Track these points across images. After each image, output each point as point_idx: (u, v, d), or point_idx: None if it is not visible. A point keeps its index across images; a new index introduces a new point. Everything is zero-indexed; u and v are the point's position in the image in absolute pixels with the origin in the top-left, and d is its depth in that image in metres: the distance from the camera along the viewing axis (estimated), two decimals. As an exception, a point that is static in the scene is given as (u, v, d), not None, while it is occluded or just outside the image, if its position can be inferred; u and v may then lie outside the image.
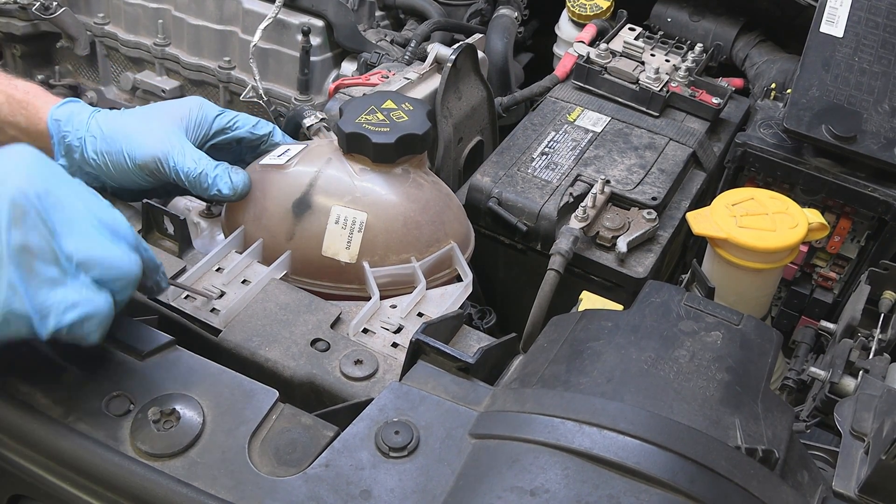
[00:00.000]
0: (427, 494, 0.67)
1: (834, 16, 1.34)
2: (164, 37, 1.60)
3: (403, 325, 0.92)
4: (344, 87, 1.33)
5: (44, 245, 0.67)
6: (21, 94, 1.02)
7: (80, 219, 0.70)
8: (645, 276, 1.14)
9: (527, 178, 1.23)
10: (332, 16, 1.48)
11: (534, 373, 0.76)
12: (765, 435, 0.70)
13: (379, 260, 0.99)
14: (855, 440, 0.81)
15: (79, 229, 0.70)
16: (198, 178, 0.98)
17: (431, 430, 0.72)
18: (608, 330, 0.78)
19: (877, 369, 0.98)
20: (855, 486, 0.75)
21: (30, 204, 0.67)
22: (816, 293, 1.37)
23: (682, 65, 1.44)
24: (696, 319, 0.79)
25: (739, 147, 1.29)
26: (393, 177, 1.01)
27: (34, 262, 0.66)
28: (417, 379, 0.77)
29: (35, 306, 0.66)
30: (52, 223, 0.68)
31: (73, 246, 0.69)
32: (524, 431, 0.68)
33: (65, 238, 0.68)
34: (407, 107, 1.04)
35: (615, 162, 1.28)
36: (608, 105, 1.40)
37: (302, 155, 1.03)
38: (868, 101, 1.25)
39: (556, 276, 1.10)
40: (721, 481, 0.65)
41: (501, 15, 1.67)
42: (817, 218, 1.11)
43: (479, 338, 0.91)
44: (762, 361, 0.77)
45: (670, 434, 0.66)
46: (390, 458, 0.70)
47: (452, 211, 1.07)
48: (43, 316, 0.67)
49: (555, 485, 0.64)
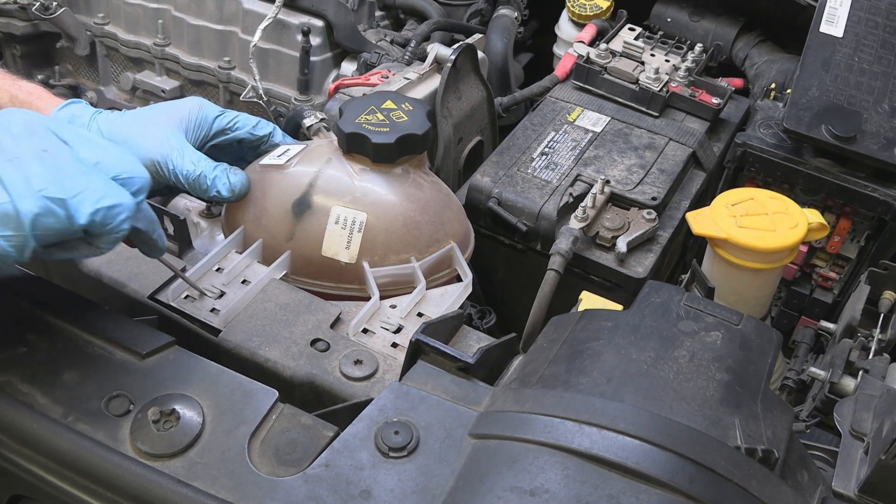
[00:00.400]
0: (427, 494, 0.67)
1: (834, 16, 1.34)
2: (164, 37, 1.60)
3: (403, 325, 0.92)
4: (344, 87, 1.33)
5: (62, 149, 0.71)
6: (24, 94, 1.02)
7: (89, 138, 0.75)
8: (645, 276, 1.14)
9: (527, 178, 1.23)
10: (332, 16, 1.48)
11: (533, 373, 0.76)
12: (764, 435, 0.70)
13: (379, 260, 0.99)
14: (854, 440, 0.81)
15: (90, 142, 0.74)
16: (196, 180, 0.98)
17: (431, 431, 0.72)
18: (608, 330, 0.78)
19: (876, 369, 0.98)
20: (854, 486, 0.75)
21: (40, 123, 0.72)
22: (816, 293, 1.37)
23: (681, 65, 1.44)
24: (696, 319, 0.79)
25: (739, 147, 1.29)
26: (393, 177, 1.01)
27: (57, 161, 0.70)
28: (417, 379, 0.77)
29: (69, 192, 0.69)
30: (64, 138, 0.73)
31: (89, 153, 0.73)
32: (524, 431, 0.68)
33: (79, 148, 0.73)
34: (407, 107, 1.04)
35: (615, 162, 1.28)
36: (608, 105, 1.40)
37: (302, 155, 1.03)
38: (868, 101, 1.25)
39: (556, 276, 1.10)
40: (721, 481, 0.65)
41: (501, 15, 1.67)
42: (817, 218, 1.11)
43: (478, 338, 0.91)
44: (762, 361, 0.77)
45: (670, 434, 0.66)
46: (390, 458, 0.70)
47: (452, 211, 1.07)
48: (79, 200, 0.70)
49: (554, 485, 0.64)
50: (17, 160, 0.69)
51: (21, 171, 0.68)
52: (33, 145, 0.70)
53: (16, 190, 0.68)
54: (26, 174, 0.68)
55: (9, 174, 0.68)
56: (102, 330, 0.78)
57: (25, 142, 0.70)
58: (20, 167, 0.68)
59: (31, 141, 0.70)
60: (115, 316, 0.80)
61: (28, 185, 0.68)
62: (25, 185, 0.68)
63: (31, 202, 0.68)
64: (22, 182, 0.68)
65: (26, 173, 0.68)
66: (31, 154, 0.70)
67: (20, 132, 0.71)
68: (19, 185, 0.68)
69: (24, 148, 0.70)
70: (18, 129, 0.71)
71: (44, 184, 0.68)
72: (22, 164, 0.69)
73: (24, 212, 0.67)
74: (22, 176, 0.68)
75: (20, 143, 0.70)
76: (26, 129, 0.71)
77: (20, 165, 0.69)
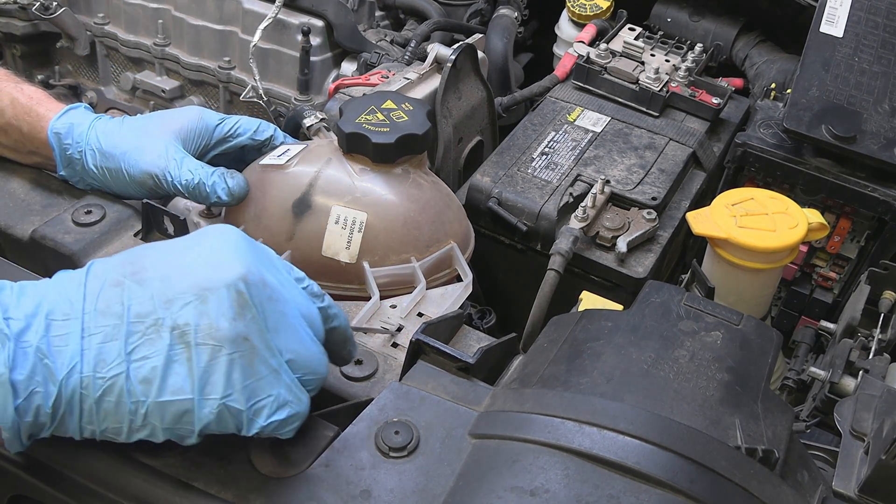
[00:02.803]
0: (427, 494, 0.67)
1: (834, 16, 1.34)
2: (164, 37, 1.60)
3: (403, 324, 0.92)
4: (344, 87, 1.33)
5: (262, 340, 0.65)
6: (25, 98, 1.02)
7: (289, 313, 0.68)
8: (645, 276, 1.14)
9: (527, 178, 1.23)
10: (332, 16, 1.48)
11: (534, 373, 0.76)
12: (765, 435, 0.70)
13: (379, 260, 0.99)
14: (855, 440, 0.81)
15: (288, 326, 0.68)
16: (196, 188, 0.98)
17: (431, 430, 0.72)
18: (608, 330, 0.78)
19: (877, 369, 0.98)
20: (855, 486, 0.75)
21: (250, 295, 0.65)
22: (816, 293, 1.37)
23: (682, 65, 1.44)
24: (696, 319, 0.80)
25: (739, 147, 1.29)
26: (393, 177, 1.01)
27: (254, 358, 0.65)
28: (417, 379, 0.77)
29: (250, 404, 0.65)
30: (267, 316, 0.66)
31: (285, 344, 0.67)
32: (524, 431, 0.68)
33: (278, 334, 0.67)
34: (407, 107, 1.04)
35: (615, 162, 1.28)
36: (608, 105, 1.40)
37: (302, 155, 1.03)
38: (868, 101, 1.25)
39: (556, 276, 1.10)
40: (721, 481, 0.65)
41: (501, 15, 1.67)
42: (817, 218, 1.11)
43: (479, 338, 0.91)
44: (762, 361, 0.77)
45: (670, 434, 0.66)
46: (390, 458, 0.70)
47: (452, 211, 1.07)
48: (255, 414, 0.65)
49: (555, 485, 0.64)
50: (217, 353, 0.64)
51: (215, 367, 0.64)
52: (238, 332, 0.64)
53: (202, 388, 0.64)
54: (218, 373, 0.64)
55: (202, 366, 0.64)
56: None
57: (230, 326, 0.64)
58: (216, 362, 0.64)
59: (236, 325, 0.64)
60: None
61: (214, 388, 0.64)
62: (212, 386, 0.64)
63: (211, 408, 0.64)
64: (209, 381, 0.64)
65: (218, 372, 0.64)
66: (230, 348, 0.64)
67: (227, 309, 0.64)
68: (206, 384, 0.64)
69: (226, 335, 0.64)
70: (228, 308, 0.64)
71: (229, 390, 0.64)
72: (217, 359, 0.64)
73: (199, 417, 0.64)
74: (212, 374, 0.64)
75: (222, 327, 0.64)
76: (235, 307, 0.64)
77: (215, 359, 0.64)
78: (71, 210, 0.98)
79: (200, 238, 0.69)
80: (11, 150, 1.04)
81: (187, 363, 0.64)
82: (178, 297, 0.64)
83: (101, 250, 0.95)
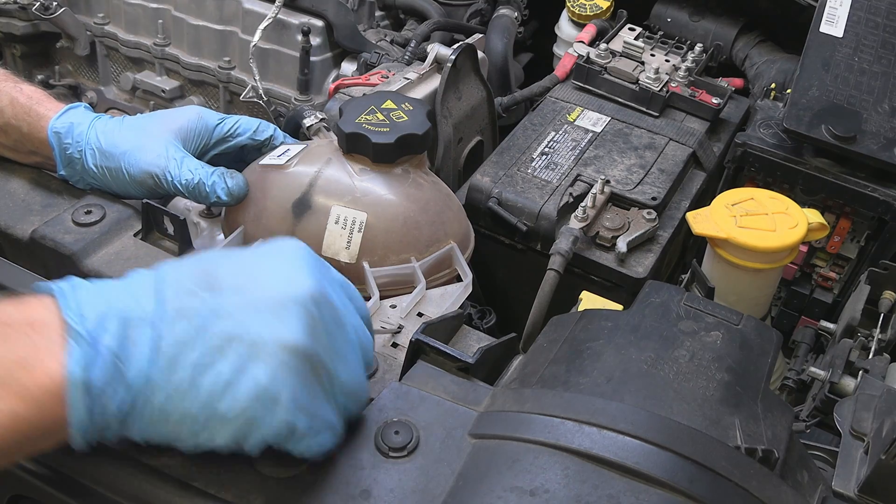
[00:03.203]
0: (427, 494, 0.67)
1: (834, 16, 1.34)
2: (164, 37, 1.60)
3: (403, 325, 0.92)
4: (344, 87, 1.33)
5: (327, 361, 0.66)
6: (25, 98, 1.01)
7: (349, 338, 0.69)
8: (645, 276, 1.14)
9: (527, 178, 1.23)
10: (332, 16, 1.48)
11: (533, 373, 0.76)
12: (764, 435, 0.70)
13: (379, 260, 0.99)
14: (855, 440, 0.81)
15: (348, 352, 0.68)
16: (196, 188, 0.98)
17: (431, 431, 0.72)
18: (608, 330, 0.78)
19: (876, 369, 0.98)
20: (854, 486, 0.75)
21: (320, 314, 0.65)
22: (816, 293, 1.37)
23: (681, 65, 1.44)
24: (696, 319, 0.80)
25: (739, 147, 1.29)
26: (393, 177, 1.01)
27: (318, 378, 0.65)
28: (417, 379, 0.77)
29: (310, 424, 0.65)
30: (333, 338, 0.67)
31: (343, 371, 0.67)
32: (524, 431, 0.68)
33: (338, 361, 0.67)
34: (407, 107, 1.04)
35: (615, 162, 1.28)
36: (608, 105, 1.40)
37: (302, 155, 1.03)
38: (868, 101, 1.25)
39: (556, 276, 1.10)
40: (720, 481, 0.65)
41: (501, 15, 1.67)
42: (817, 218, 1.11)
43: (479, 338, 0.91)
44: (762, 361, 0.77)
45: (670, 434, 0.66)
46: (390, 458, 0.70)
47: (452, 211, 1.07)
48: (303, 435, 0.65)
49: (554, 485, 0.64)
50: (286, 369, 0.63)
51: (284, 383, 0.63)
52: (307, 351, 0.64)
53: (269, 403, 0.63)
54: (286, 389, 0.63)
55: (271, 381, 0.63)
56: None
57: (302, 344, 0.63)
58: (285, 378, 0.63)
59: (306, 344, 0.64)
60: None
61: (280, 404, 0.63)
62: (279, 401, 0.64)
63: (275, 423, 0.64)
64: (277, 397, 0.63)
65: (287, 388, 0.63)
66: (298, 367, 0.63)
67: (299, 328, 0.64)
68: (273, 400, 0.63)
69: (298, 351, 0.63)
70: (301, 325, 0.64)
71: (293, 407, 0.63)
72: (287, 376, 0.63)
73: (263, 431, 0.64)
74: (281, 389, 0.63)
75: (295, 343, 0.63)
76: (306, 326, 0.64)
77: (285, 375, 0.63)
78: (71, 210, 0.98)
79: (271, 251, 0.69)
80: (11, 150, 1.03)
81: (256, 377, 0.63)
82: (251, 310, 0.64)
83: (101, 250, 0.95)
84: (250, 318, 0.64)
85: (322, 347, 0.65)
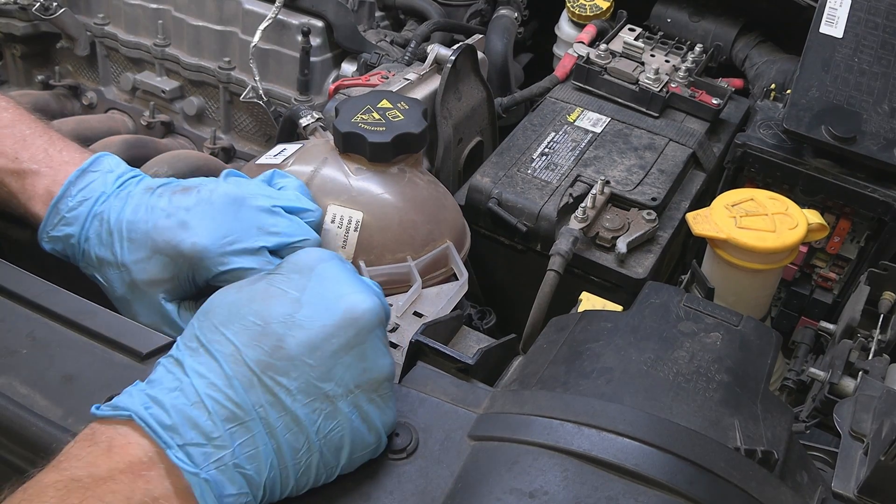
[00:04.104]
0: (426, 496, 0.67)
1: (834, 16, 1.34)
2: (164, 37, 1.60)
3: (399, 324, 0.92)
4: (344, 88, 1.33)
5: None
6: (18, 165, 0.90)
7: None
8: (644, 277, 1.14)
9: (527, 179, 1.23)
10: (332, 16, 1.48)
11: (533, 374, 0.76)
12: (764, 436, 0.70)
13: (375, 259, 0.99)
14: (854, 441, 0.81)
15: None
16: None
17: (431, 432, 0.72)
18: (608, 331, 0.78)
19: (876, 370, 0.98)
20: (854, 487, 0.75)
21: (368, 332, 0.67)
22: (816, 294, 1.37)
23: (681, 65, 1.44)
24: (696, 320, 0.80)
25: (739, 147, 1.29)
26: (389, 176, 1.02)
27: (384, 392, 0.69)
28: (417, 381, 0.77)
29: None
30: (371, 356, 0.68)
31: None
32: (523, 433, 0.68)
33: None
34: (402, 106, 1.04)
35: (615, 162, 1.28)
36: (608, 105, 1.40)
37: (298, 154, 1.03)
38: (868, 101, 1.25)
39: (556, 276, 1.10)
40: (720, 483, 0.65)
41: (501, 15, 1.67)
42: (817, 218, 1.11)
43: (478, 339, 0.91)
44: (762, 362, 0.77)
45: (669, 436, 0.66)
46: (389, 460, 0.70)
47: (448, 210, 1.07)
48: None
49: (554, 486, 0.64)
50: (384, 394, 0.69)
51: (383, 409, 0.69)
52: (391, 370, 0.69)
53: (379, 434, 0.68)
54: (386, 413, 0.69)
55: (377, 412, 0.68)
56: (101, 331, 0.78)
57: (388, 366, 0.69)
58: (384, 403, 0.69)
59: (390, 364, 0.69)
60: (114, 317, 0.80)
61: (379, 428, 0.68)
62: (379, 425, 0.68)
63: (379, 445, 0.69)
64: (381, 423, 0.68)
65: (386, 411, 0.69)
66: (388, 383, 0.69)
67: (382, 351, 0.69)
68: (381, 428, 0.68)
69: (387, 374, 0.69)
70: (380, 348, 0.69)
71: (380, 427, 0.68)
72: (384, 400, 0.69)
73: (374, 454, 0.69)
74: (381, 414, 0.69)
75: (383, 370, 0.68)
76: (384, 344, 0.69)
77: (383, 400, 0.69)
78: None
79: (310, 278, 0.69)
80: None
81: (366, 417, 0.67)
82: (333, 363, 0.65)
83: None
84: (338, 371, 0.66)
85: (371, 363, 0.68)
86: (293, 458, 0.64)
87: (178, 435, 0.61)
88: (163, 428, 0.61)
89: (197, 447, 0.61)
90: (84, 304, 0.81)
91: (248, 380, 0.63)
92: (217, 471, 0.61)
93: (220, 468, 0.61)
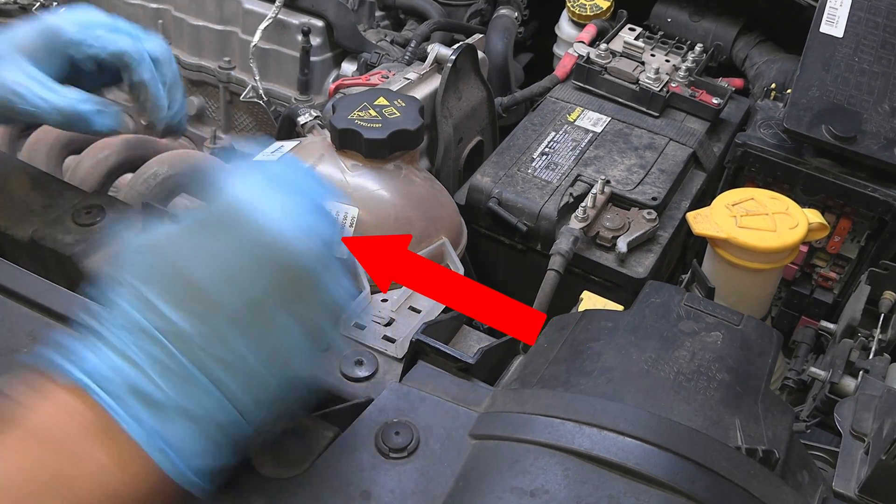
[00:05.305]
0: (427, 495, 0.67)
1: (834, 16, 1.34)
2: (164, 37, 1.60)
3: (395, 318, 0.92)
4: (344, 88, 1.33)
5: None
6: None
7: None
8: (645, 277, 1.14)
9: (527, 179, 1.23)
10: (332, 16, 1.48)
11: (534, 373, 0.76)
12: (765, 435, 0.70)
13: (372, 256, 0.99)
14: (855, 440, 0.81)
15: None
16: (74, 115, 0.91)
17: (431, 431, 0.72)
18: (608, 330, 0.78)
19: (877, 369, 0.98)
20: (855, 487, 0.75)
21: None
22: (816, 293, 1.37)
23: (682, 65, 1.44)
24: (697, 320, 0.79)
25: (739, 147, 1.29)
26: (385, 173, 1.02)
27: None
28: (417, 380, 0.77)
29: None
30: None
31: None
32: (524, 432, 0.68)
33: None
34: (399, 103, 1.04)
35: (615, 162, 1.28)
36: (608, 105, 1.40)
37: (294, 151, 1.04)
38: (868, 101, 1.25)
39: (556, 276, 1.10)
40: (721, 482, 0.65)
41: (501, 15, 1.67)
42: (817, 218, 1.11)
43: (479, 338, 0.91)
44: (762, 362, 0.77)
45: (670, 435, 0.66)
46: (390, 459, 0.70)
47: (444, 207, 1.07)
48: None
49: (555, 485, 0.64)
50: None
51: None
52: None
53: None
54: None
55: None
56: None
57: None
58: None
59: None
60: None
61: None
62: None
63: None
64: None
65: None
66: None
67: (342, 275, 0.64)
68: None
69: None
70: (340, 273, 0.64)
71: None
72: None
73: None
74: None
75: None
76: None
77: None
78: (71, 210, 0.98)
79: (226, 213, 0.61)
80: None
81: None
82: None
83: (101, 250, 0.95)
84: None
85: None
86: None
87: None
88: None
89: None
90: (84, 304, 0.81)
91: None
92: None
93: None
